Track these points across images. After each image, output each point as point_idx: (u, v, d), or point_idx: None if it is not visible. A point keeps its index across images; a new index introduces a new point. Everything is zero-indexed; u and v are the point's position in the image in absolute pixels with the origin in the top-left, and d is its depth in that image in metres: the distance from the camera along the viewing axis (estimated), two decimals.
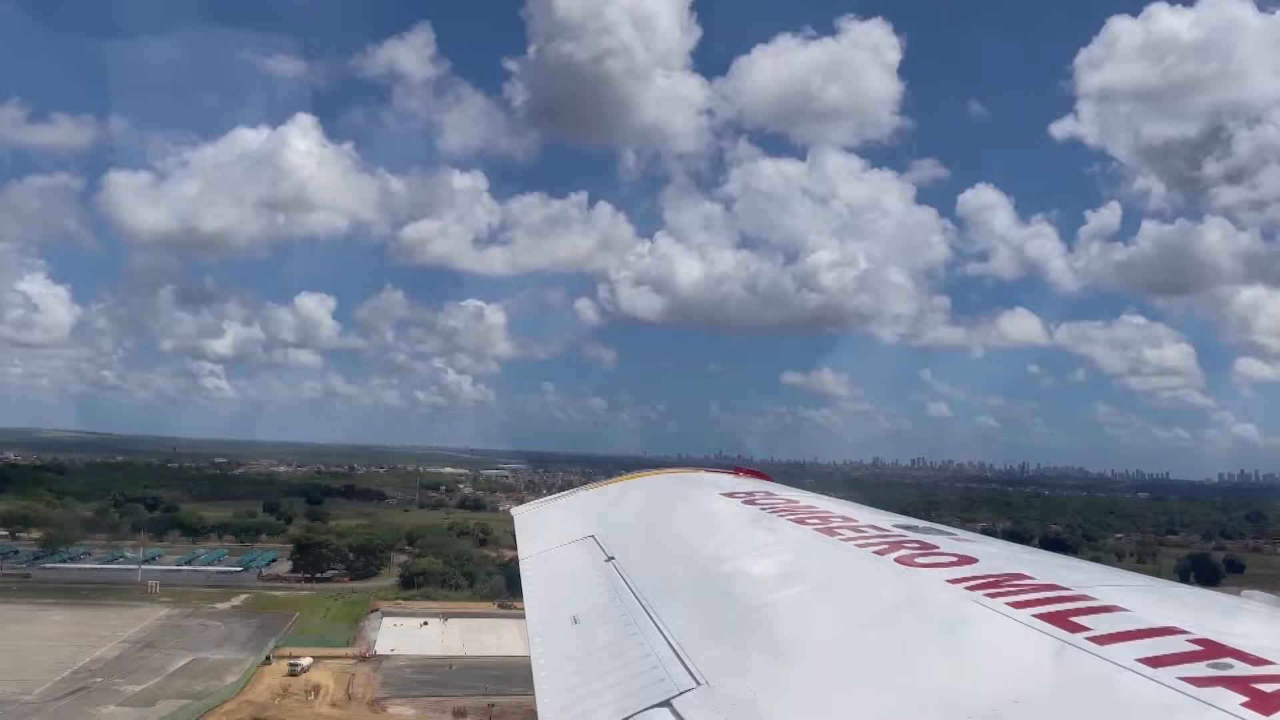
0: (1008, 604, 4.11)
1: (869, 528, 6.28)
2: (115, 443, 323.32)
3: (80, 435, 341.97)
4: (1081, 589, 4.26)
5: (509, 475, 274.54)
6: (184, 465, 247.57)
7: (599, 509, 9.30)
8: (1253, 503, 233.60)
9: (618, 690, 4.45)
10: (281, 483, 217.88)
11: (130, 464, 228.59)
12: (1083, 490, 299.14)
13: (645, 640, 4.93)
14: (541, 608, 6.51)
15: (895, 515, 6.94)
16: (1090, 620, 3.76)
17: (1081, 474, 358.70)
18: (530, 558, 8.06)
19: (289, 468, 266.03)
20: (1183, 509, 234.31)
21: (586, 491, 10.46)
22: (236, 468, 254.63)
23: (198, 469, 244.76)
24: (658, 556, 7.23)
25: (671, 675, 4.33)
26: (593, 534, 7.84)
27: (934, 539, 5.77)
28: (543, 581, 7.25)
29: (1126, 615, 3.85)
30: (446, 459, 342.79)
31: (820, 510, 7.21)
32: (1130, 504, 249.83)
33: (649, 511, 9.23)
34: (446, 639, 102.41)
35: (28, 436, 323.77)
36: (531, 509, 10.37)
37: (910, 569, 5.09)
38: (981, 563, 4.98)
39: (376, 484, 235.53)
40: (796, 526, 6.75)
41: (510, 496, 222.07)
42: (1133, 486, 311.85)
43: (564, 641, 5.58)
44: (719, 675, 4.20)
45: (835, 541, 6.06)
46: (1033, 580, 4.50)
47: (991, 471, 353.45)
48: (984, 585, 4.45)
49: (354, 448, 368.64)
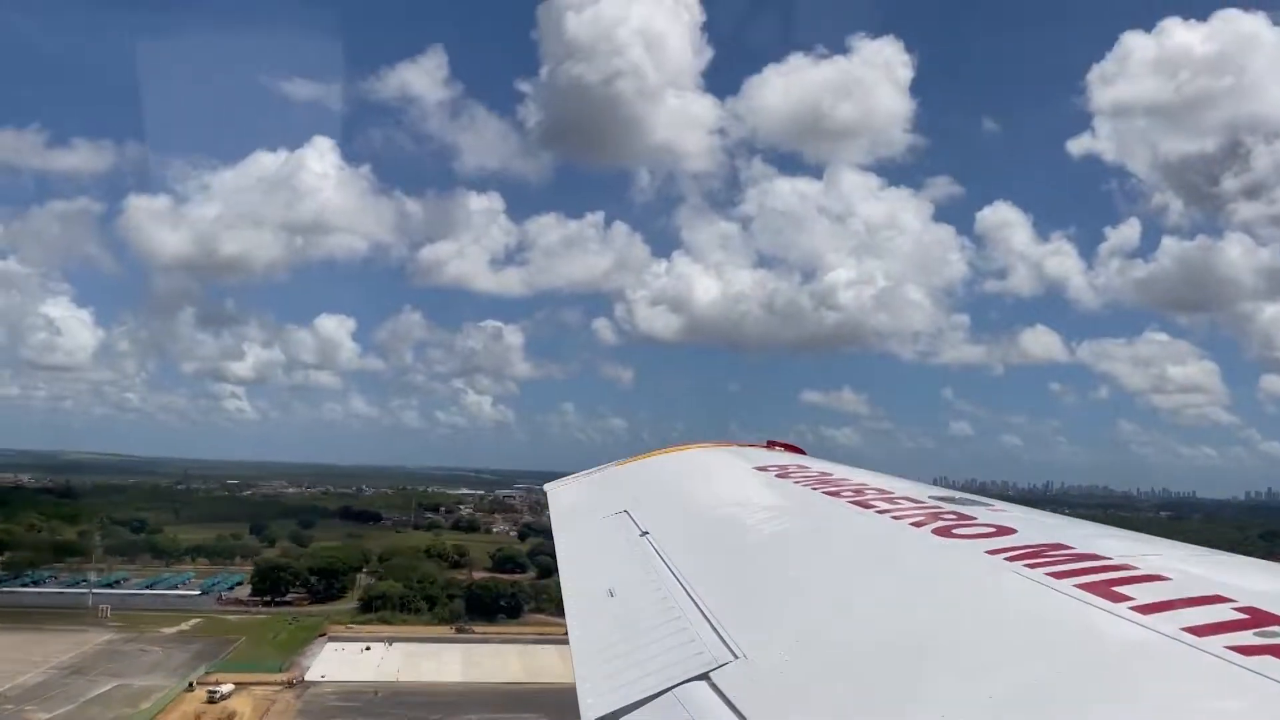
0: (1048, 574, 4.01)
1: (904, 499, 6.16)
2: (137, 464, 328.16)
3: (103, 457, 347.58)
4: (1123, 558, 4.13)
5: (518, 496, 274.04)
6: (191, 487, 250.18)
7: (632, 484, 9.11)
8: (1270, 521, 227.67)
9: (655, 663, 4.36)
10: (280, 504, 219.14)
11: (135, 486, 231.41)
12: (1104, 509, 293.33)
13: (682, 613, 4.86)
14: (576, 582, 6.46)
15: (931, 487, 6.84)
16: (1133, 590, 3.65)
17: (1106, 492, 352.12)
18: (564, 533, 7.98)
19: (297, 489, 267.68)
20: (1201, 528, 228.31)
21: (619, 467, 10.24)
22: (245, 489, 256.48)
23: (206, 491, 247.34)
24: (692, 531, 7.17)
25: (709, 648, 4.24)
26: (626, 509, 7.64)
27: (971, 510, 5.64)
28: (577, 556, 7.15)
29: (1170, 584, 3.73)
30: (463, 480, 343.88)
31: (854, 483, 7.09)
32: (1150, 523, 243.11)
33: (682, 486, 9.07)
34: (385, 665, 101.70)
35: (52, 459, 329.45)
36: (565, 485, 10.19)
37: (948, 540, 4.97)
38: (1020, 533, 4.86)
39: (379, 505, 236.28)
40: (831, 500, 6.63)
41: (506, 518, 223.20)
42: (1156, 505, 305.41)
43: (600, 614, 5.49)
44: (756, 648, 4.12)
45: (870, 514, 5.95)
46: (1073, 550, 4.36)
47: (1014, 490, 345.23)
48: (1023, 556, 4.35)
49: (372, 468, 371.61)
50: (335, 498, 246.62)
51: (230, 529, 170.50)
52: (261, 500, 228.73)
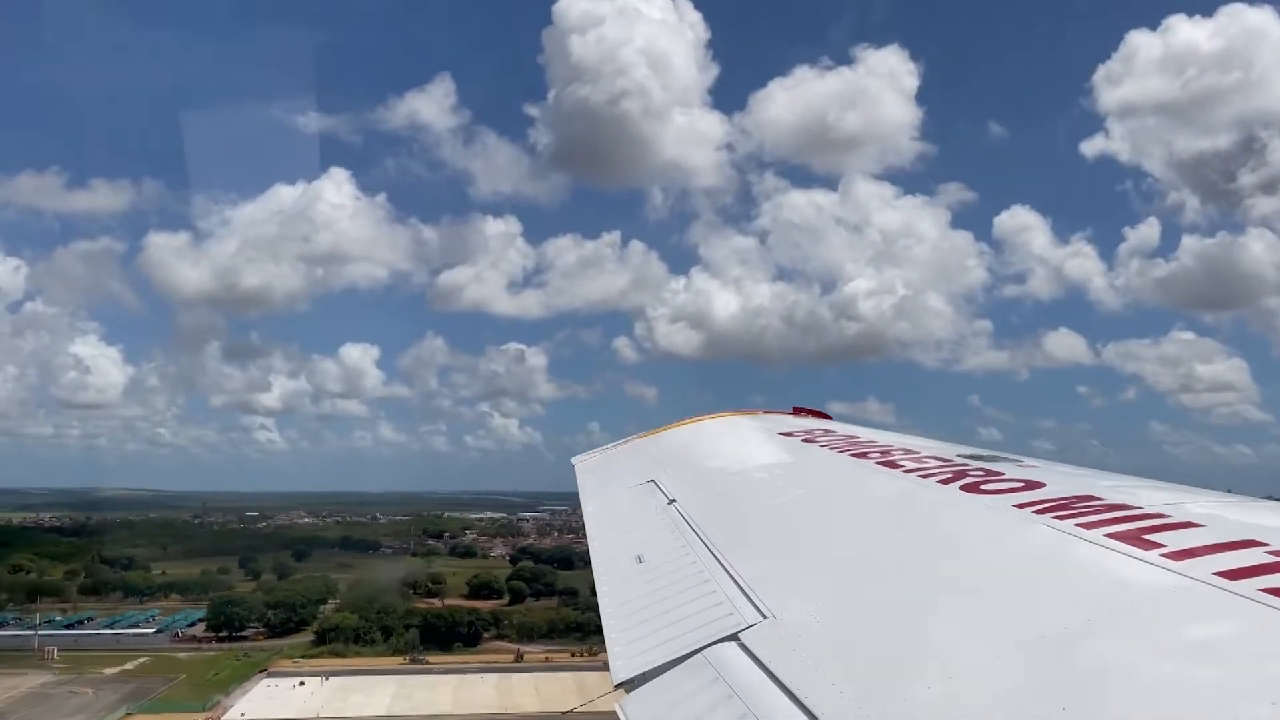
0: (1077, 525, 4.07)
1: (931, 459, 6.18)
2: (166, 499, 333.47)
3: (137, 493, 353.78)
4: (1155, 508, 4.17)
5: (532, 519, 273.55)
6: (205, 520, 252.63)
7: (659, 454, 9.25)
8: None
9: (685, 625, 4.45)
10: (282, 536, 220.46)
11: (146, 522, 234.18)
12: None
13: (711, 577, 4.96)
14: (605, 549, 6.53)
15: (959, 446, 6.79)
16: (1164, 537, 3.71)
17: None
18: (593, 503, 8.13)
19: (314, 519, 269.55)
20: None
21: (643, 439, 10.43)
22: (260, 521, 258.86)
23: (222, 524, 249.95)
24: (718, 497, 7.23)
25: (738, 610, 4.34)
26: (653, 478, 7.86)
27: (999, 466, 5.66)
28: (606, 525, 7.24)
29: (1203, 530, 3.77)
30: (488, 503, 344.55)
31: (881, 444, 7.12)
32: None
33: (709, 454, 9.18)
34: (312, 700, 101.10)
35: (85, 496, 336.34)
36: (591, 457, 10.40)
37: (975, 495, 5.02)
38: (1049, 487, 4.89)
39: (385, 533, 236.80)
40: (857, 461, 6.67)
41: (508, 542, 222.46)
42: None
43: (629, 581, 5.58)
44: (785, 609, 4.19)
45: (897, 473, 5.99)
46: (1103, 501, 4.41)
47: None
48: (1052, 508, 4.40)
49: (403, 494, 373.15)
50: (348, 526, 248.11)
51: (220, 563, 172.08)
52: (264, 532, 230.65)
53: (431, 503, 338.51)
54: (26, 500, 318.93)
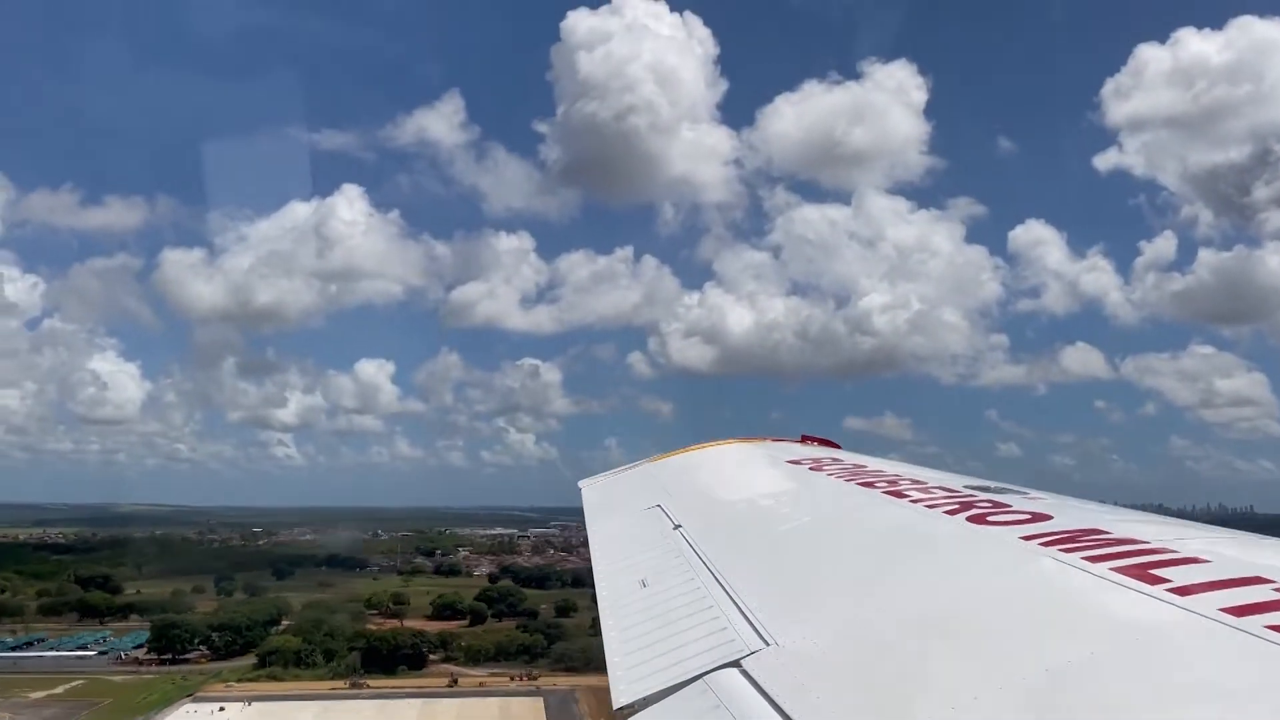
0: (1084, 558, 4.07)
1: (938, 489, 6.20)
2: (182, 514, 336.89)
3: (156, 509, 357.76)
4: (1161, 543, 4.19)
5: (533, 536, 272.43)
6: (206, 537, 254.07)
7: (665, 479, 9.26)
8: None
9: (687, 650, 4.46)
10: (271, 553, 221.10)
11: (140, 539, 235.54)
12: None
13: (714, 603, 4.96)
14: (610, 573, 6.52)
15: (966, 477, 6.82)
16: (1171, 572, 3.71)
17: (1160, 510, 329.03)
18: (598, 526, 8.15)
19: (317, 535, 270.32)
20: None
21: (652, 463, 10.41)
22: (263, 538, 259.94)
23: (223, 540, 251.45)
24: (724, 523, 7.26)
25: (741, 636, 4.36)
26: (659, 503, 7.88)
27: (1007, 498, 5.66)
28: (611, 549, 7.24)
29: (1209, 566, 3.78)
30: (504, 519, 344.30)
31: (888, 474, 7.13)
32: None
33: (715, 480, 9.24)
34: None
35: (104, 512, 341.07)
36: (599, 481, 10.40)
37: (982, 527, 5.03)
38: (1056, 519, 4.90)
39: (382, 550, 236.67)
40: (864, 490, 6.68)
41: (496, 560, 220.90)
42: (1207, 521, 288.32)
43: (633, 604, 5.57)
44: (788, 636, 4.21)
45: (904, 503, 5.99)
46: (1110, 535, 4.42)
47: None
48: (1059, 541, 4.40)
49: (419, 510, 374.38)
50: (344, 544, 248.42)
51: (197, 581, 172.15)
52: (257, 549, 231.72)
53: (446, 518, 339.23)
54: (44, 516, 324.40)
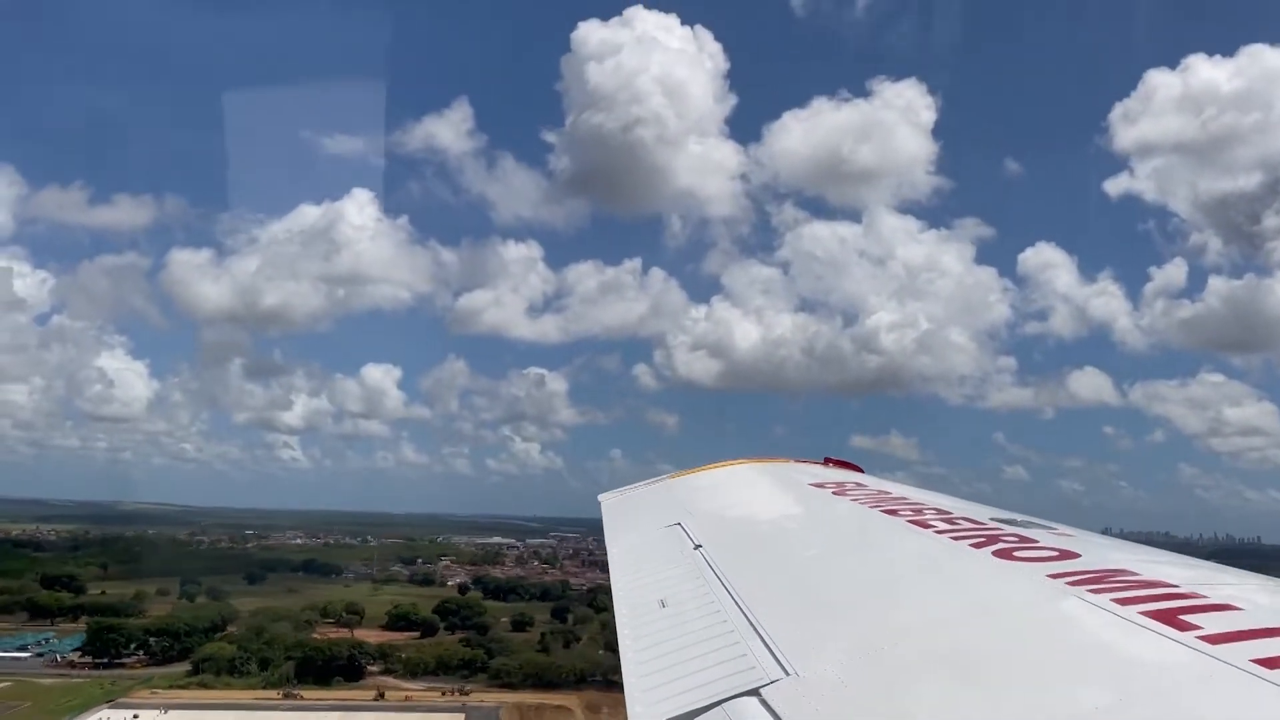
0: (1113, 600, 3.99)
1: (964, 520, 6.10)
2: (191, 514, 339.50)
3: (160, 508, 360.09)
4: (1191, 586, 4.11)
5: (522, 547, 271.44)
6: (193, 539, 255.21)
7: (686, 497, 9.17)
8: None
9: (705, 675, 4.41)
10: (251, 557, 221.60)
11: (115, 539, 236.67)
12: None
13: (734, 628, 4.88)
14: (629, 592, 6.46)
15: (992, 509, 6.71)
16: (1201, 619, 3.64)
17: (1166, 538, 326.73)
18: (617, 543, 8.03)
19: (303, 539, 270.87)
20: None
21: (673, 479, 10.33)
22: (253, 541, 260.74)
23: (211, 542, 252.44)
24: (745, 545, 7.16)
25: (760, 664, 4.30)
26: (680, 521, 7.77)
27: (1033, 533, 5.56)
28: (630, 567, 7.18)
29: (1240, 614, 3.72)
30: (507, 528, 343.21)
31: (913, 501, 7.02)
32: None
33: (737, 500, 9.09)
34: None
35: (109, 509, 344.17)
36: (619, 495, 10.31)
37: (1008, 563, 4.93)
38: (1084, 557, 4.81)
39: (365, 557, 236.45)
40: (888, 518, 6.58)
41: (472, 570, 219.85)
42: (1212, 550, 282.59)
43: (651, 625, 5.50)
44: (808, 666, 4.15)
45: (929, 534, 5.90)
46: (1139, 577, 4.33)
47: None
48: (1087, 581, 4.31)
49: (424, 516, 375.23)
50: (333, 549, 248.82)
51: (165, 584, 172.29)
52: (240, 552, 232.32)
53: (447, 525, 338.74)
54: (50, 511, 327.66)
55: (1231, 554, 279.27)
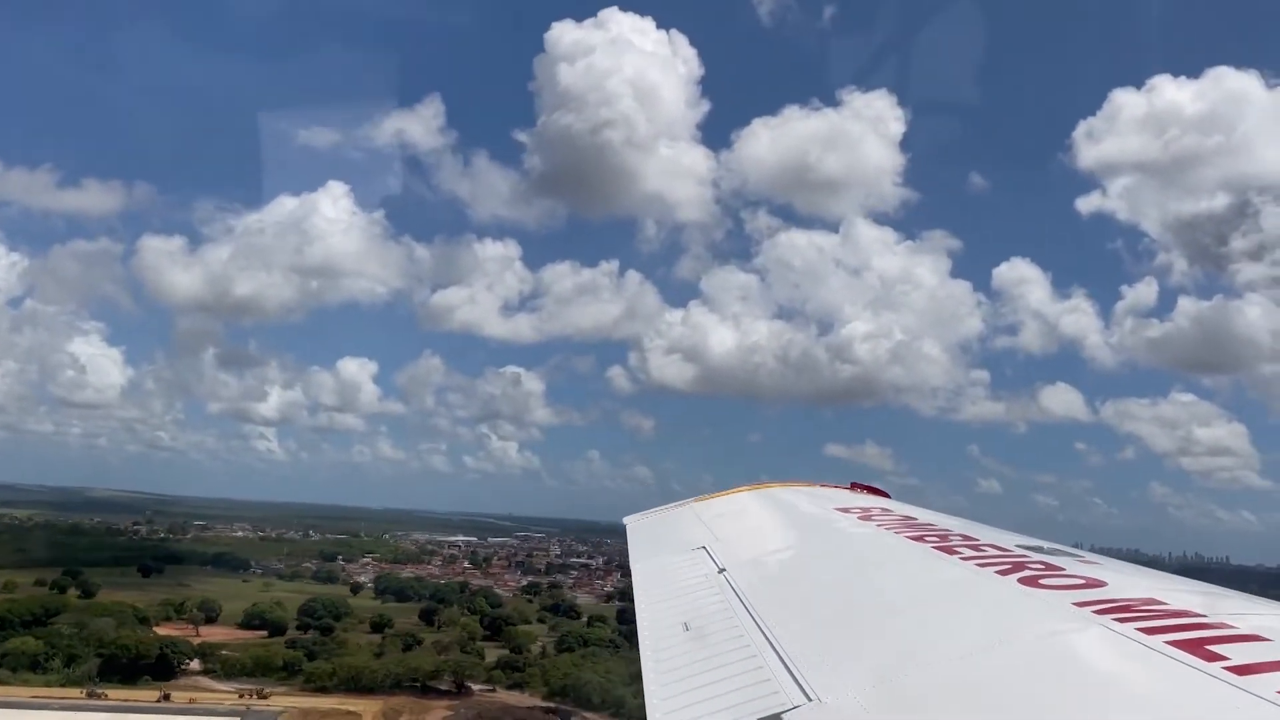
0: (1139, 629, 3.97)
1: (989, 547, 6.05)
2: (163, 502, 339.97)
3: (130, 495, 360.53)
4: (1219, 616, 4.08)
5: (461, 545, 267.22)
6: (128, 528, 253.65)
7: (711, 521, 9.11)
8: None
9: (727, 700, 4.41)
10: (166, 548, 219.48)
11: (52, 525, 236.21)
12: None
13: (757, 653, 4.87)
14: (652, 615, 6.39)
15: (1017, 535, 6.72)
16: (1229, 649, 3.62)
17: (1135, 555, 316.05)
18: (642, 565, 8.01)
19: (246, 532, 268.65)
20: None
21: (698, 503, 10.26)
22: (190, 532, 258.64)
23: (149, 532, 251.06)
24: (770, 570, 7.08)
25: (783, 689, 4.29)
26: (704, 545, 7.74)
27: (1059, 560, 5.52)
28: (654, 590, 7.12)
29: (1269, 646, 3.71)
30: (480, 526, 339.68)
31: (939, 528, 6.99)
32: None
33: (762, 525, 9.12)
34: None
35: (76, 496, 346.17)
36: (644, 518, 10.27)
37: (1034, 590, 4.90)
38: (1110, 586, 4.79)
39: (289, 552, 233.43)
40: (914, 544, 6.53)
41: (385, 569, 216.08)
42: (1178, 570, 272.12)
43: (675, 649, 5.49)
44: (832, 692, 4.14)
45: (954, 560, 5.84)
46: (1166, 606, 4.30)
47: None
48: (1113, 610, 4.29)
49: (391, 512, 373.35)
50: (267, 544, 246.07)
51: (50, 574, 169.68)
52: (156, 542, 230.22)
53: (416, 522, 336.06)
54: (17, 496, 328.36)
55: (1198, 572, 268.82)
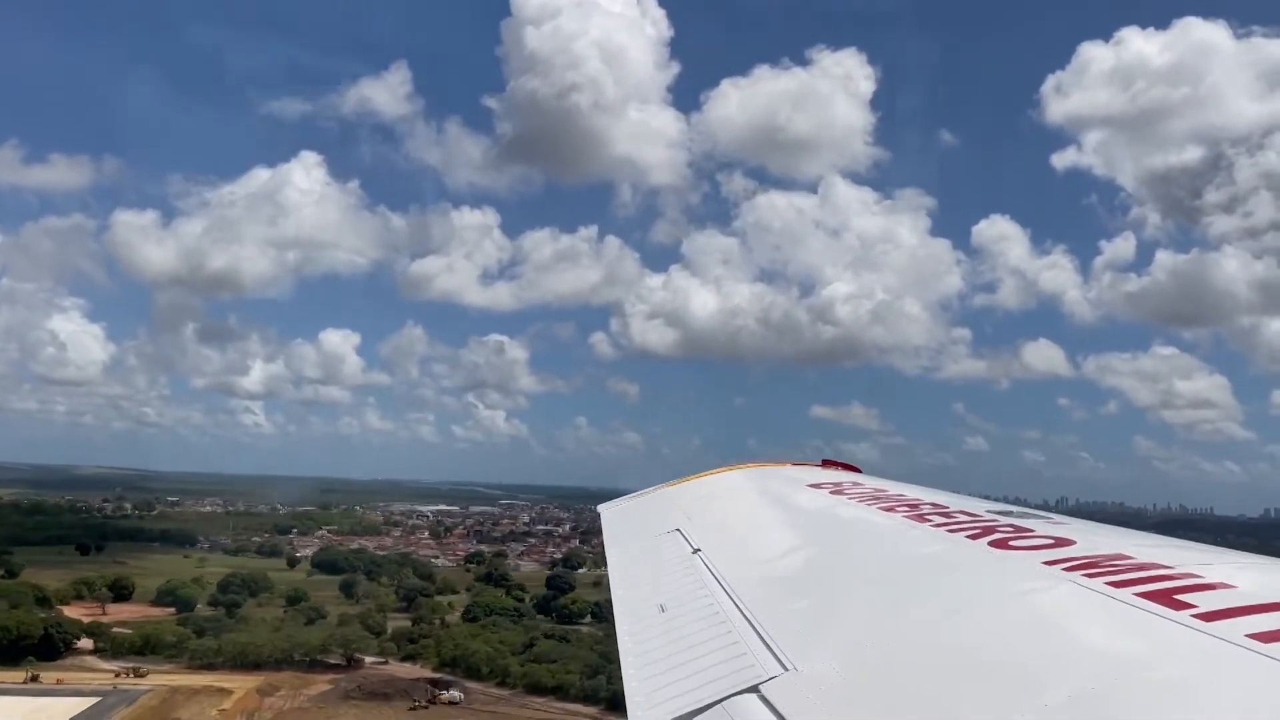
0: (1107, 584, 4.05)
1: (960, 513, 6.16)
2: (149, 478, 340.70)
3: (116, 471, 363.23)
4: (1186, 567, 4.15)
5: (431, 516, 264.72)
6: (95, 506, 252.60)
7: (685, 503, 9.17)
8: None
9: (706, 675, 4.48)
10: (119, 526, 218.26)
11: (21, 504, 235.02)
12: None
13: (733, 628, 4.97)
14: (628, 597, 6.47)
15: (988, 502, 6.77)
16: (1196, 598, 3.69)
17: (1120, 508, 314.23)
18: (617, 550, 8.06)
19: (215, 507, 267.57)
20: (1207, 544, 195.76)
21: (671, 487, 10.38)
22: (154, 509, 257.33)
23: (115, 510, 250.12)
24: (744, 548, 7.16)
25: (760, 662, 4.37)
26: (678, 527, 7.86)
27: (1029, 523, 5.64)
28: (630, 573, 7.24)
29: (1235, 592, 3.76)
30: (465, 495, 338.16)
31: (909, 498, 7.11)
32: None
33: (735, 505, 9.16)
34: None
35: (61, 474, 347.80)
36: (618, 505, 10.48)
37: (1004, 552, 5.02)
38: (1079, 544, 4.87)
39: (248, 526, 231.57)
40: (885, 515, 6.66)
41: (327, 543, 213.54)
42: (1163, 521, 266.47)
43: (651, 629, 5.57)
44: (807, 662, 4.21)
45: (925, 528, 5.97)
46: (1134, 560, 4.37)
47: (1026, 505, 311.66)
48: (1082, 566, 4.38)
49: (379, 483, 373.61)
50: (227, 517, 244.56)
51: None
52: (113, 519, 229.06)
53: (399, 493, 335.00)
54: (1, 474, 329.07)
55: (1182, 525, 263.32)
